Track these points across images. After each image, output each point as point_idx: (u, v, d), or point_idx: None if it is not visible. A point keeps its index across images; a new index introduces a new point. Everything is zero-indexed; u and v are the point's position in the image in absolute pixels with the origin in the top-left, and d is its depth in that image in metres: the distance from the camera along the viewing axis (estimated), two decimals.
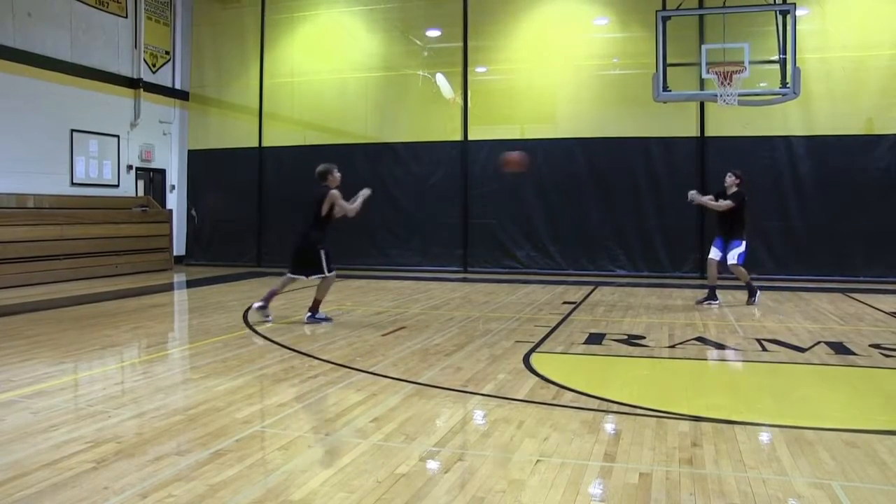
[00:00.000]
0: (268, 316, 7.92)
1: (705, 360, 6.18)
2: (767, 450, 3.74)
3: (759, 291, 9.56)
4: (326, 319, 7.92)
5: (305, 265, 7.76)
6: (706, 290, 9.51)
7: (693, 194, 9.40)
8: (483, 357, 6.03)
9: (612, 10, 13.77)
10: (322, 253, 7.67)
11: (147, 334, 7.30)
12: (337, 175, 7.85)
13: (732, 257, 9.14)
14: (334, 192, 7.69)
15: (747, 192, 9.27)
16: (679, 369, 5.91)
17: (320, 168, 7.84)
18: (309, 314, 7.91)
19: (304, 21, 15.60)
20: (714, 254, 9.32)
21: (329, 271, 7.72)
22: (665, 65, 10.10)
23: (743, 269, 9.25)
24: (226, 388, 4.93)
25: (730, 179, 9.21)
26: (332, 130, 15.27)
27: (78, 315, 8.44)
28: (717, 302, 9.31)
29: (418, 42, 15.17)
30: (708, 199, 9.36)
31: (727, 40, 10.73)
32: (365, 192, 7.87)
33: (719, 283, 9.52)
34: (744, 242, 9.13)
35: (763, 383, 5.44)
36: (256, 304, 7.99)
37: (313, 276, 7.79)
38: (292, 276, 7.85)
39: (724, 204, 9.08)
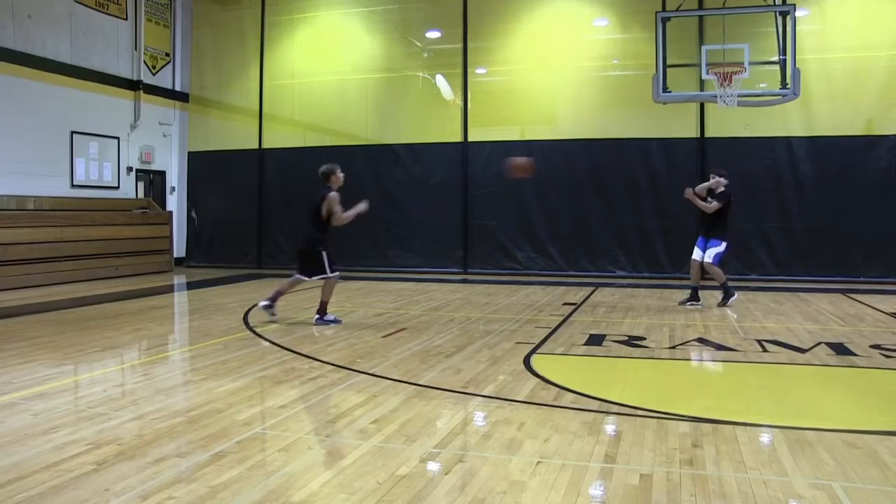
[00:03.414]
0: (273, 315, 7.93)
1: (706, 361, 6.17)
2: (768, 451, 3.74)
3: (735, 294, 9.38)
4: (335, 321, 7.91)
5: (308, 266, 7.77)
6: (689, 291, 9.45)
7: (689, 191, 9.32)
8: (483, 358, 6.03)
9: (612, 12, 13.78)
10: (323, 254, 7.68)
11: (147, 336, 7.30)
12: (340, 175, 7.84)
13: (709, 256, 9.10)
14: (333, 195, 7.68)
15: (734, 193, 9.25)
16: (679, 370, 5.92)
17: (323, 168, 7.83)
18: (317, 316, 7.90)
19: (304, 23, 15.61)
20: (696, 254, 9.26)
21: (331, 272, 7.74)
22: (665, 66, 10.10)
23: (718, 269, 9.18)
24: (226, 390, 4.93)
25: (715, 179, 9.15)
26: (333, 132, 15.28)
27: (78, 317, 8.44)
28: (699, 304, 9.24)
29: (418, 43, 15.18)
30: (700, 200, 9.18)
31: (727, 41, 10.72)
32: (362, 207, 7.80)
33: (702, 283, 9.46)
34: (724, 243, 9.10)
35: (764, 384, 5.43)
36: (262, 303, 8.02)
37: (316, 278, 7.80)
38: (299, 276, 7.86)
39: (713, 206, 9.03)
